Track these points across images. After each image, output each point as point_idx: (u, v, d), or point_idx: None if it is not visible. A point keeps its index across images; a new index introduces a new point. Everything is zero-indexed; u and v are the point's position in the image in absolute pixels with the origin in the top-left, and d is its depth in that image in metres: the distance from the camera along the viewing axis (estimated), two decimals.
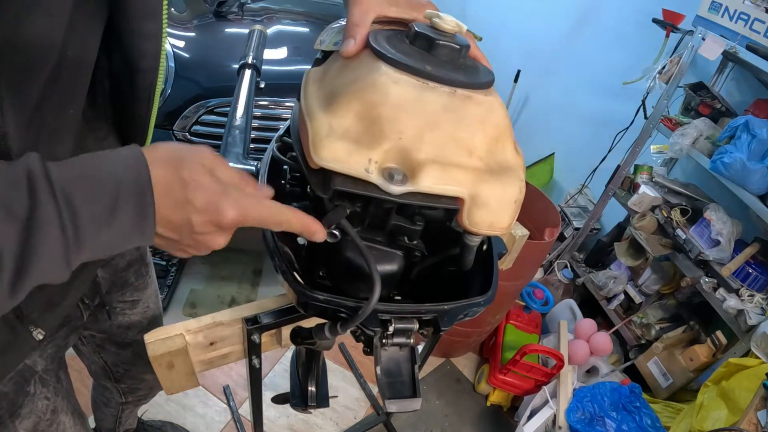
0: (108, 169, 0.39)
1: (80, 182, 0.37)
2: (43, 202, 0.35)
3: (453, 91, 0.44)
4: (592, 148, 2.63)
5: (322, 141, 0.43)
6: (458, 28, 0.47)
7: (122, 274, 0.82)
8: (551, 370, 1.84)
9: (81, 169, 0.38)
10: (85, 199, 0.37)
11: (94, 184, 0.38)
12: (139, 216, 0.40)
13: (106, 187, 0.38)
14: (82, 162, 0.39)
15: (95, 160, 0.39)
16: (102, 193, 0.38)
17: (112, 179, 0.38)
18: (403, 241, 0.52)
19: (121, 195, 0.38)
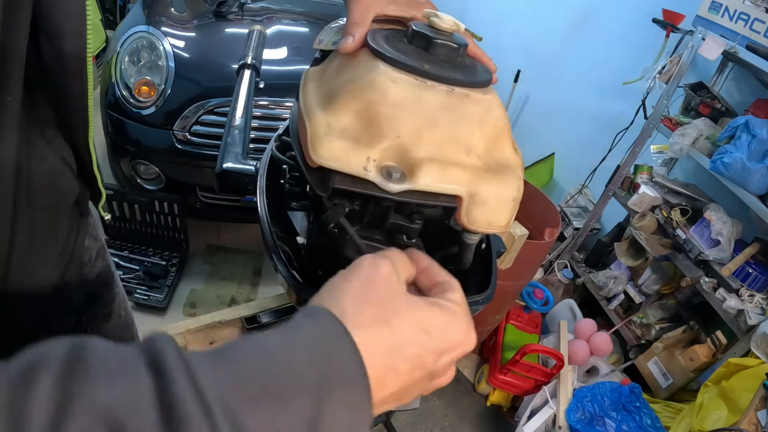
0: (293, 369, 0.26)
1: (260, 392, 0.24)
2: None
3: (451, 90, 0.44)
4: (592, 148, 2.63)
5: (320, 140, 0.43)
6: (456, 27, 0.47)
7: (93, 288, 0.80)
8: (551, 370, 1.84)
9: (255, 364, 0.26)
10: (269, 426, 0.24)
11: (283, 394, 0.25)
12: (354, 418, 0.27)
13: (300, 396, 0.25)
14: (253, 347, 0.27)
15: (272, 344, 0.27)
16: (295, 407, 0.25)
17: (310, 380, 0.26)
18: (402, 239, 0.52)
19: (323, 401, 0.26)
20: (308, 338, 0.28)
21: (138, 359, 0.24)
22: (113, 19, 4.17)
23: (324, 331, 0.29)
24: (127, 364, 0.23)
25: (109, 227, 2.26)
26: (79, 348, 0.23)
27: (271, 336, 0.28)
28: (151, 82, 1.99)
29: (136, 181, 2.14)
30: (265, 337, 0.28)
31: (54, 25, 0.44)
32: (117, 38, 2.16)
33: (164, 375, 0.23)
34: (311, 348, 0.28)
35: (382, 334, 0.31)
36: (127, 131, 2.02)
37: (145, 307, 2.10)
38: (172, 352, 0.24)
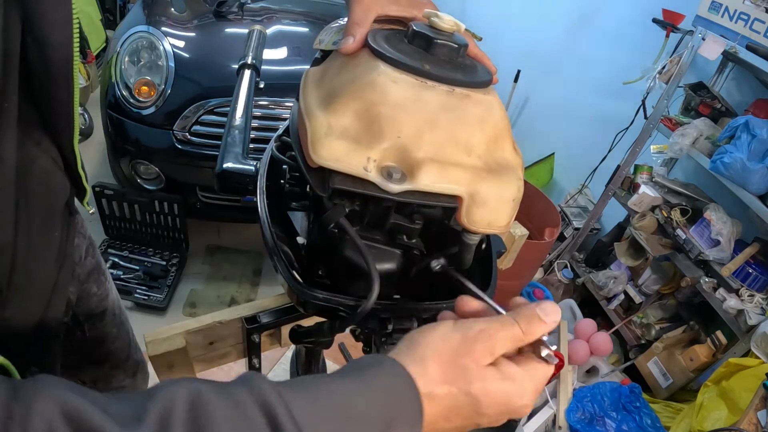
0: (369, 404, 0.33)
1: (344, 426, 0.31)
2: None
3: (451, 90, 0.44)
4: (592, 148, 2.63)
5: (321, 140, 0.43)
6: (456, 27, 0.47)
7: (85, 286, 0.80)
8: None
9: (334, 404, 0.32)
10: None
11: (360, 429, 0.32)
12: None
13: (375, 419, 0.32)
14: (332, 393, 0.33)
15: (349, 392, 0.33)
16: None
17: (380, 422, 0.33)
18: (402, 239, 0.52)
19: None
20: (383, 391, 0.34)
21: (251, 404, 0.30)
22: (113, 19, 4.17)
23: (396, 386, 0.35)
24: (241, 409, 0.29)
25: (109, 227, 2.26)
26: (196, 396, 0.29)
27: (350, 384, 0.34)
28: (151, 82, 1.99)
29: (136, 181, 2.14)
30: (346, 385, 0.34)
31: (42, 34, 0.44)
32: (117, 38, 2.16)
33: (274, 418, 0.29)
34: (385, 399, 0.34)
35: (451, 392, 0.37)
36: (127, 131, 2.02)
37: (145, 307, 2.10)
38: (275, 396, 0.30)
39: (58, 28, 0.44)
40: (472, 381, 0.37)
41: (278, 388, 0.31)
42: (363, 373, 0.35)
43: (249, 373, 0.32)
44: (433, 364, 0.37)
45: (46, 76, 0.47)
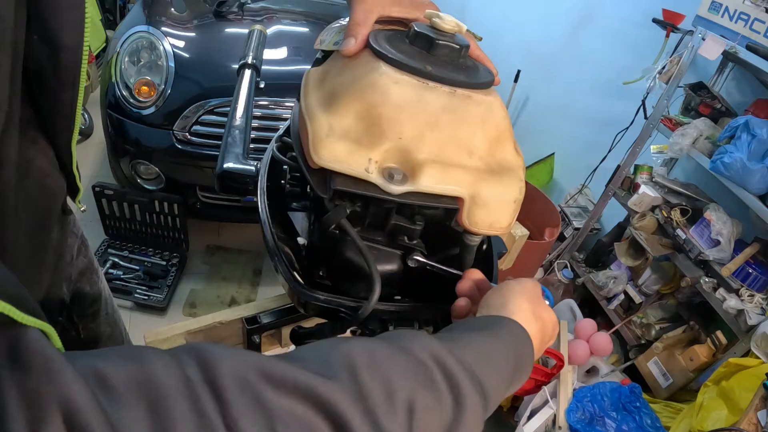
0: (504, 349, 0.43)
1: (488, 366, 0.39)
2: (467, 397, 0.34)
3: (453, 91, 0.44)
4: (592, 148, 2.63)
5: (322, 141, 0.43)
6: (458, 28, 0.47)
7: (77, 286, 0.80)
8: (551, 370, 1.83)
9: (480, 349, 0.40)
10: (496, 384, 0.39)
11: (499, 367, 0.41)
12: (524, 380, 0.46)
13: (507, 368, 0.42)
14: (474, 342, 0.41)
15: (488, 341, 0.42)
16: (504, 375, 0.41)
17: (511, 359, 0.43)
18: (403, 240, 0.52)
19: (517, 371, 0.43)
20: (507, 336, 0.44)
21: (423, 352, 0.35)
22: (113, 19, 4.17)
23: (515, 332, 0.45)
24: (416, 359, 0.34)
25: (109, 227, 2.25)
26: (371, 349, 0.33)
27: (488, 337, 0.43)
28: (151, 82, 1.98)
29: (136, 181, 2.14)
30: (485, 338, 0.42)
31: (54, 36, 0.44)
32: (117, 38, 2.16)
33: (443, 363, 0.35)
34: (509, 342, 0.44)
35: (539, 327, 0.49)
36: (127, 131, 2.01)
37: (145, 307, 2.10)
38: (438, 344, 0.36)
39: (70, 30, 0.44)
40: (546, 319, 0.50)
41: (437, 340, 0.37)
42: (493, 328, 0.44)
43: (401, 330, 0.37)
44: (525, 305, 0.48)
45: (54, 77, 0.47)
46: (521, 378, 0.45)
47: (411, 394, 0.31)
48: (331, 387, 0.28)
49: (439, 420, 0.32)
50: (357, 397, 0.29)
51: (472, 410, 0.34)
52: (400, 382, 0.31)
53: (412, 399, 0.31)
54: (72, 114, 0.52)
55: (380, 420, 0.28)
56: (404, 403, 0.30)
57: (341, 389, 0.28)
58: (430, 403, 0.32)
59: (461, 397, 0.34)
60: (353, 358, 0.31)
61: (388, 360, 0.32)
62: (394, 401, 0.30)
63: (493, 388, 0.38)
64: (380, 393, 0.29)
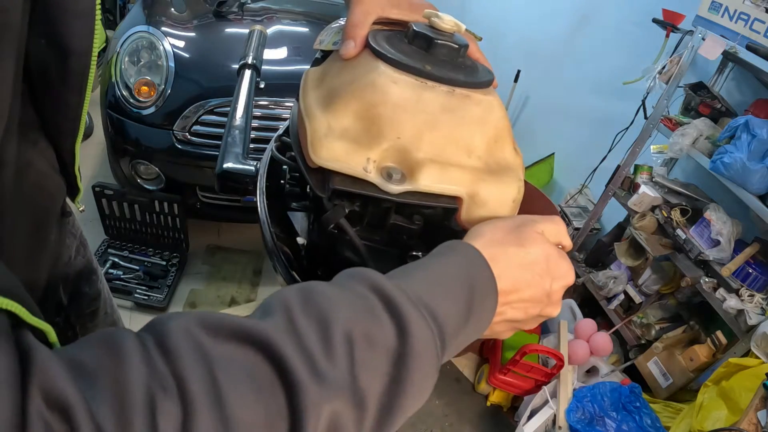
0: (455, 272, 0.38)
1: (436, 291, 0.36)
2: (412, 324, 0.32)
3: (452, 91, 0.44)
4: (592, 148, 2.63)
5: (320, 141, 0.43)
6: (457, 28, 0.47)
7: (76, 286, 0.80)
8: (551, 370, 1.84)
9: (427, 277, 0.37)
10: (447, 310, 0.36)
11: (449, 292, 0.37)
12: (489, 312, 0.40)
13: (459, 290, 0.37)
14: (420, 270, 0.38)
15: (436, 264, 0.39)
16: (457, 300, 0.37)
17: (464, 283, 0.38)
18: (402, 240, 0.52)
19: (475, 296, 0.38)
20: (456, 258, 0.40)
21: (361, 285, 0.34)
22: (113, 19, 4.17)
23: (468, 254, 0.40)
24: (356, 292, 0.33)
25: (109, 227, 2.26)
26: (307, 289, 0.33)
27: (435, 263, 0.39)
28: (151, 82, 1.99)
29: (136, 181, 2.14)
30: (432, 264, 0.39)
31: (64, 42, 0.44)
32: (117, 38, 2.16)
33: (382, 290, 0.33)
34: (459, 264, 0.39)
35: (517, 252, 0.42)
36: (127, 131, 2.02)
37: (145, 307, 2.10)
38: (379, 276, 0.35)
39: (80, 37, 0.45)
40: (529, 237, 0.43)
41: (380, 274, 0.35)
42: (441, 256, 0.40)
43: (349, 270, 0.36)
44: (493, 231, 0.43)
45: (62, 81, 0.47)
46: (483, 305, 0.39)
47: (348, 325, 0.30)
48: (265, 326, 0.29)
49: (384, 348, 0.31)
50: (290, 331, 0.29)
51: (419, 336, 0.32)
52: (336, 314, 0.30)
53: (349, 330, 0.30)
54: (78, 117, 0.52)
55: (314, 351, 0.28)
56: (342, 335, 0.30)
57: (275, 327, 0.29)
58: (371, 332, 0.31)
59: (404, 322, 0.32)
60: (288, 298, 0.31)
61: (324, 295, 0.32)
62: (331, 333, 0.29)
63: (445, 313, 0.35)
64: (315, 326, 0.30)
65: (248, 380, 0.27)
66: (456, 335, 0.36)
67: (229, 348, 0.28)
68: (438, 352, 0.33)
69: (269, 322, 0.30)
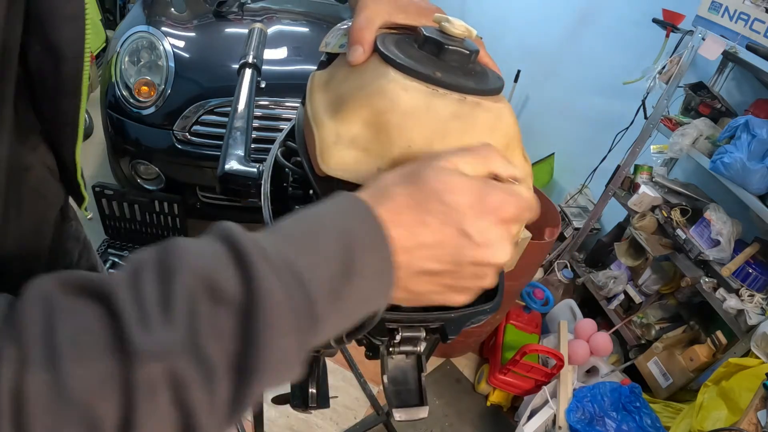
0: (328, 222, 0.33)
1: (301, 243, 0.32)
2: (261, 277, 0.29)
3: (463, 98, 0.43)
4: (592, 148, 2.63)
5: (329, 149, 0.42)
6: (468, 33, 0.46)
7: None
8: (551, 370, 1.84)
9: (294, 227, 0.33)
10: (312, 265, 0.31)
11: (318, 243, 0.32)
12: (382, 266, 0.33)
13: (331, 243, 0.32)
14: (290, 221, 0.34)
15: (307, 216, 0.34)
16: (329, 252, 0.32)
17: (337, 232, 0.32)
18: None
19: (355, 249, 0.32)
20: (332, 207, 0.35)
21: (216, 238, 0.32)
22: (113, 19, 4.16)
23: (343, 205, 0.35)
24: (208, 243, 0.32)
25: (109, 227, 2.25)
26: (167, 243, 0.31)
27: (306, 215, 0.35)
28: (151, 82, 1.98)
29: (136, 181, 2.14)
30: (302, 217, 0.35)
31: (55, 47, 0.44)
32: (117, 38, 2.15)
33: (237, 246, 0.30)
34: (335, 219, 0.34)
35: (407, 191, 0.36)
36: (127, 131, 2.01)
37: None
38: (239, 229, 0.32)
39: (71, 42, 0.45)
40: (423, 173, 0.36)
41: (238, 226, 0.32)
42: (318, 207, 0.35)
43: (217, 223, 0.33)
44: (385, 176, 0.38)
45: (56, 87, 0.47)
46: (369, 259, 0.33)
47: (192, 279, 0.28)
48: (110, 279, 0.29)
49: (230, 304, 0.29)
50: (131, 285, 0.28)
51: (269, 292, 0.29)
52: (182, 267, 0.29)
53: (192, 284, 0.28)
54: (75, 122, 0.52)
55: (151, 305, 0.27)
56: (184, 289, 0.28)
57: (118, 280, 0.29)
58: (217, 287, 0.29)
59: (252, 277, 0.29)
60: (147, 252, 0.31)
61: (177, 247, 0.30)
62: (172, 288, 0.28)
63: (310, 269, 0.31)
64: (157, 279, 0.28)
65: (86, 334, 0.27)
66: (336, 294, 0.31)
67: (76, 302, 0.28)
68: (299, 310, 0.30)
69: (116, 275, 0.29)
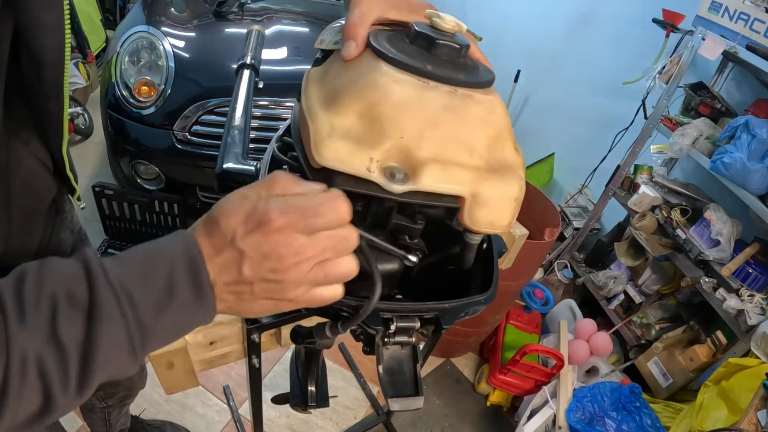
0: (157, 250, 0.41)
1: (134, 267, 0.39)
2: (101, 291, 0.37)
3: (454, 91, 0.44)
4: (592, 148, 2.63)
5: (324, 141, 0.43)
6: (458, 28, 0.47)
7: None
8: (551, 370, 1.84)
9: (133, 256, 0.40)
10: (142, 285, 0.38)
11: (148, 267, 0.40)
12: (196, 285, 0.40)
13: (158, 269, 0.39)
14: (134, 251, 0.41)
15: (146, 247, 0.42)
16: (156, 275, 0.39)
17: (163, 259, 0.40)
18: (404, 239, 0.52)
19: (175, 271, 0.40)
20: (167, 237, 0.44)
21: (76, 259, 0.39)
22: (113, 19, 4.17)
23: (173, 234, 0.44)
24: (72, 262, 0.38)
25: (109, 227, 2.25)
26: (42, 262, 0.38)
27: (148, 243, 0.43)
28: (151, 82, 1.99)
29: (136, 181, 2.14)
30: (145, 243, 0.43)
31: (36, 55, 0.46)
32: (117, 38, 2.16)
33: (88, 266, 0.38)
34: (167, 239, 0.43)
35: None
36: (127, 131, 2.02)
37: None
38: (93, 255, 0.39)
39: (52, 51, 0.47)
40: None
41: (95, 255, 0.39)
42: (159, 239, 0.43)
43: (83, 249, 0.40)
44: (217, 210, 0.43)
45: (39, 91, 0.50)
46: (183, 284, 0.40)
47: (56, 285, 0.36)
48: (3, 283, 0.36)
49: (81, 306, 0.36)
50: (16, 288, 0.36)
51: (106, 300, 0.37)
52: (49, 277, 0.37)
53: (55, 289, 0.36)
54: (60, 123, 0.55)
55: (27, 301, 0.35)
56: (50, 292, 0.36)
57: (7, 284, 0.36)
58: (73, 293, 0.36)
59: (95, 288, 0.37)
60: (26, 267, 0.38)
61: (49, 265, 0.38)
62: (43, 291, 0.36)
63: (137, 290, 0.38)
64: (33, 284, 0.36)
65: None
66: (161, 308, 0.39)
67: None
68: (127, 317, 0.37)
69: (8, 280, 0.37)
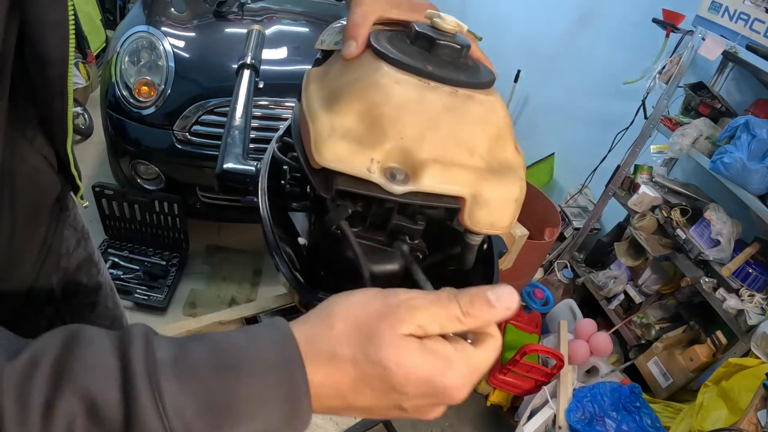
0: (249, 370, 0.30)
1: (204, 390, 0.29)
2: (141, 411, 0.27)
3: (454, 91, 0.44)
4: (592, 148, 2.63)
5: (324, 141, 0.43)
6: (459, 28, 0.47)
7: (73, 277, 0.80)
8: (551, 370, 1.84)
9: (208, 362, 0.29)
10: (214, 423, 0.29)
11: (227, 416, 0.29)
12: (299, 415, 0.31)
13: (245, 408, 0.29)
14: (207, 351, 0.30)
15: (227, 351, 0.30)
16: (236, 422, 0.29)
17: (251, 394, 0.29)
18: (405, 240, 0.52)
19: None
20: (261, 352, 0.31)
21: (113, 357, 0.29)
22: (113, 19, 4.17)
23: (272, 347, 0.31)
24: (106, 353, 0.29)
25: (109, 227, 2.26)
26: (70, 340, 0.29)
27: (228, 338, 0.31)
28: (151, 82, 1.98)
29: (136, 181, 2.14)
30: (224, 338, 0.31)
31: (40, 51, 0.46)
32: (117, 38, 2.16)
33: (130, 383, 0.28)
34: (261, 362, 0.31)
35: (355, 357, 0.32)
36: (127, 131, 2.01)
37: (145, 307, 2.10)
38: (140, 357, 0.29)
39: (56, 48, 0.47)
40: (382, 347, 0.31)
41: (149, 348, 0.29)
42: (248, 330, 0.32)
43: (135, 325, 0.31)
44: (340, 323, 0.33)
45: (44, 89, 0.50)
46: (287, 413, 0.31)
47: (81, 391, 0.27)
48: (8, 367, 0.28)
49: (108, 428, 0.28)
50: (22, 383, 0.27)
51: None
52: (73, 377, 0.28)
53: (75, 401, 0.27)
54: (64, 121, 0.54)
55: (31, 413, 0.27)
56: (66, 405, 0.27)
57: (11, 372, 0.28)
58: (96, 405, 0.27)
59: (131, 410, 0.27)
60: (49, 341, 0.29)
61: (79, 348, 0.29)
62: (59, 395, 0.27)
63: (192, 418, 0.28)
64: (47, 382, 0.27)
65: None
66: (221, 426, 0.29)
67: None
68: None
69: (15, 362, 0.28)
